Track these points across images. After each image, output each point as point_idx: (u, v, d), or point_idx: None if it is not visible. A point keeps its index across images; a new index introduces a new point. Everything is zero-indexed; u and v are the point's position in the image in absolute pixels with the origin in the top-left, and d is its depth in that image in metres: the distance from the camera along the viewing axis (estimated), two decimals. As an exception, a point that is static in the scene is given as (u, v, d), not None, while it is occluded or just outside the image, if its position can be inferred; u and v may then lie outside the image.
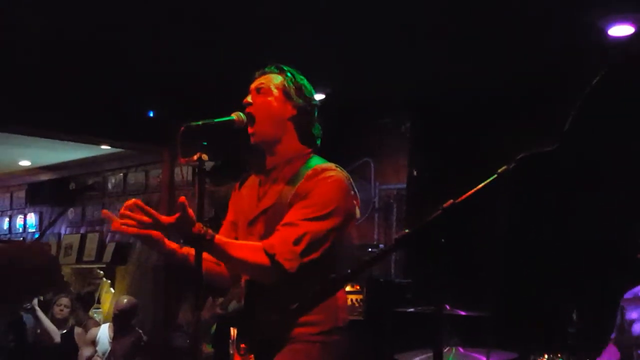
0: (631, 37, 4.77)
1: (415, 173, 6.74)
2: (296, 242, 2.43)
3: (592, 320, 4.39)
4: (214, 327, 4.27)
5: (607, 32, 4.78)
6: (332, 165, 2.66)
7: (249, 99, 2.71)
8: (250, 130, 2.70)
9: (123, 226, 2.36)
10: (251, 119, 2.68)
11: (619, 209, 5.10)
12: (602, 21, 4.67)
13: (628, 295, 4.53)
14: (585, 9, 4.53)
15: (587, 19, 4.65)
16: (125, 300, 6.87)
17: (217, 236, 2.39)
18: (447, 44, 5.21)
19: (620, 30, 4.74)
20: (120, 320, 6.75)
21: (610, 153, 5.13)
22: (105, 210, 2.60)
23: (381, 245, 6.71)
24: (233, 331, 2.53)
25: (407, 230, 1.73)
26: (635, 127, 4.86)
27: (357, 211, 2.67)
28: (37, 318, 6.18)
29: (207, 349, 4.30)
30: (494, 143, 5.68)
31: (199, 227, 2.34)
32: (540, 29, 4.87)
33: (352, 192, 2.63)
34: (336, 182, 2.58)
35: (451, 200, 1.74)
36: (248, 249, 2.45)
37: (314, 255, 2.46)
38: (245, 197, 2.81)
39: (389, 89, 6.29)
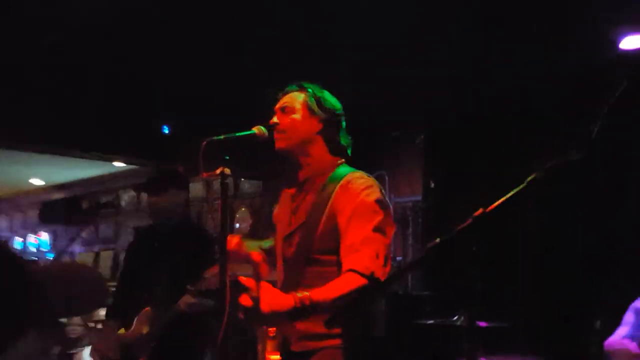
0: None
1: (432, 185, 6.74)
2: (378, 257, 2.45)
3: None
4: None
5: (618, 45, 4.78)
6: (361, 173, 2.68)
7: (275, 119, 2.74)
8: (277, 143, 2.73)
9: None
10: (279, 135, 2.71)
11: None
12: (614, 34, 4.68)
13: None
14: (597, 22, 4.54)
15: (598, 32, 4.66)
16: None
17: (311, 293, 2.31)
18: (461, 57, 5.22)
19: (632, 42, 4.75)
20: None
21: (634, 162, 5.13)
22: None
23: (399, 258, 6.71)
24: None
25: (438, 240, 1.74)
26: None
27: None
28: None
29: None
30: (507, 155, 5.70)
31: (294, 300, 2.29)
32: (553, 42, 4.88)
33: (386, 205, 2.64)
34: (375, 190, 2.61)
35: (481, 209, 1.75)
36: (345, 284, 2.39)
37: (389, 265, 2.52)
38: (281, 213, 2.85)
39: (403, 102, 6.31)
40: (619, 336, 4.50)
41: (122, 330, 4.15)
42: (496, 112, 5.99)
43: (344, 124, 2.82)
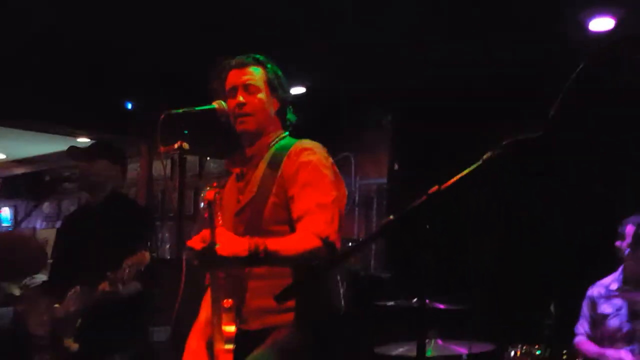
0: (611, 30, 4.78)
1: (396, 167, 6.73)
2: (333, 221, 2.47)
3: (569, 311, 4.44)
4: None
5: (587, 26, 4.78)
6: (307, 140, 2.70)
7: (240, 98, 2.69)
8: (242, 125, 2.69)
9: None
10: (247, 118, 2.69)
11: (599, 198, 5.15)
12: (583, 14, 4.67)
13: (599, 288, 4.57)
14: (565, 2, 4.54)
15: (567, 12, 4.66)
16: None
17: (269, 244, 2.31)
18: (427, 37, 5.20)
19: (601, 23, 4.75)
20: None
21: (591, 141, 5.17)
22: None
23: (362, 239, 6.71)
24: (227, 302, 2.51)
25: (391, 217, 1.71)
26: (617, 119, 4.89)
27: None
28: None
29: (71, 344, 4.05)
30: (475, 137, 5.68)
31: (249, 244, 2.28)
32: (521, 22, 4.88)
33: (337, 170, 2.67)
34: (324, 154, 2.64)
35: (436, 186, 1.73)
36: (300, 241, 2.41)
37: (341, 231, 2.53)
38: (227, 194, 2.80)
39: (370, 83, 6.28)
40: (583, 333, 4.55)
41: (57, 306, 4.07)
42: (464, 94, 5.98)
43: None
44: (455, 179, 1.73)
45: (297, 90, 6.16)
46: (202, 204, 2.34)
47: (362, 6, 4.68)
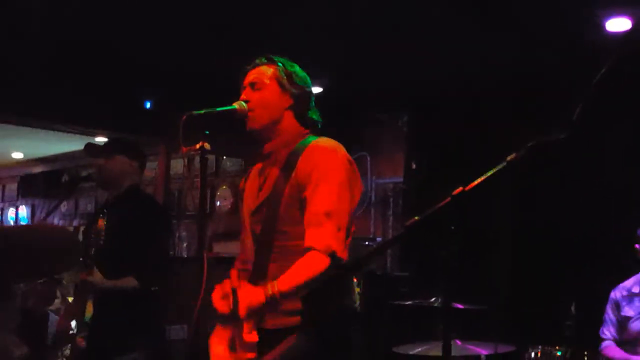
0: (628, 31, 4.77)
1: (414, 166, 6.73)
2: (340, 230, 2.48)
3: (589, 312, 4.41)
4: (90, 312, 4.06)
5: (604, 26, 4.77)
6: (325, 138, 2.68)
7: (243, 96, 2.72)
8: (248, 123, 2.72)
9: None
10: (250, 114, 2.70)
11: (619, 200, 5.14)
12: (600, 15, 4.66)
13: (621, 291, 4.55)
14: (582, 3, 4.53)
15: (584, 13, 4.64)
16: None
17: (278, 284, 2.41)
18: (444, 38, 5.20)
19: (618, 24, 4.73)
20: None
21: (614, 144, 5.16)
22: None
23: (378, 239, 6.72)
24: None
25: (417, 218, 1.72)
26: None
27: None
28: None
29: (80, 340, 4.02)
30: (491, 137, 5.69)
31: (265, 293, 2.39)
32: (538, 23, 4.87)
33: (353, 168, 2.65)
34: (341, 151, 2.62)
35: (460, 188, 1.74)
36: (308, 266, 2.45)
37: (350, 236, 2.56)
38: (248, 188, 2.83)
39: (387, 83, 6.28)
40: (610, 338, 4.53)
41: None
42: (480, 94, 5.98)
43: (313, 100, 2.81)
44: (479, 180, 1.74)
45: (315, 90, 6.16)
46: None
47: (381, 6, 4.69)
